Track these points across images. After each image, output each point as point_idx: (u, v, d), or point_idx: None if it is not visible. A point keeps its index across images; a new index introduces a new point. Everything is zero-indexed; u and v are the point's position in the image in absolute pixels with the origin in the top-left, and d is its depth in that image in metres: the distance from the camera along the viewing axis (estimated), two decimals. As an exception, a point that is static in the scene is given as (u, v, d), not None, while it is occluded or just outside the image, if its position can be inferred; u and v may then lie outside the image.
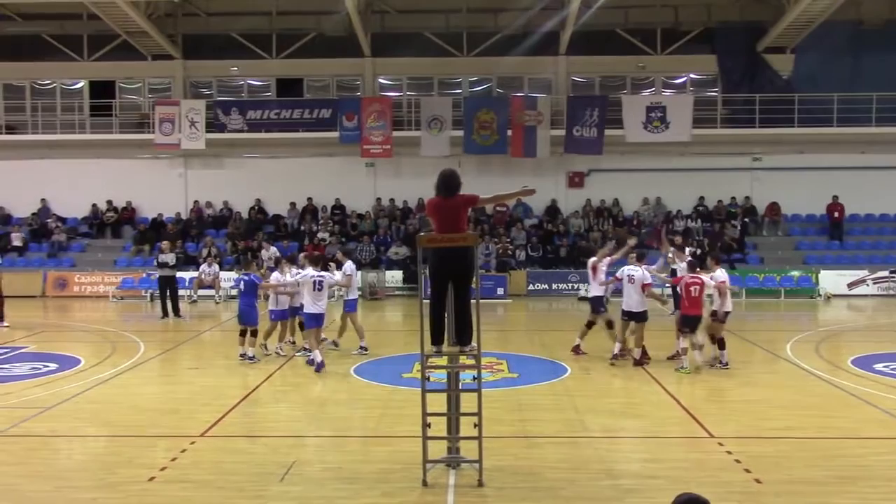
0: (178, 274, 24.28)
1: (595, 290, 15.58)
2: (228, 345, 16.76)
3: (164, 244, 23.66)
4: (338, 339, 16.63)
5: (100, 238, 31.30)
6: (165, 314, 22.30)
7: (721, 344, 14.61)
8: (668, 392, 12.84)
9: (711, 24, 31.24)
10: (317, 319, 14.53)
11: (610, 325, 15.49)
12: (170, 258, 22.97)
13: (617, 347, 15.05)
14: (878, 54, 29.94)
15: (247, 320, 15.42)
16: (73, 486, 8.69)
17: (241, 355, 15.26)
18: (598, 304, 15.58)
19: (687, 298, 14.16)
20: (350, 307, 16.16)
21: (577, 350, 15.81)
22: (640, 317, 14.61)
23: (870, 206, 30.58)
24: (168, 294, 22.65)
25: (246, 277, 15.54)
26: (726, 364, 14.48)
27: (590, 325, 15.82)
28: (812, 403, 12.23)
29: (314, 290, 14.35)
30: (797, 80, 30.76)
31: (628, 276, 14.65)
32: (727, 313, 14.70)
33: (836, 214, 29.99)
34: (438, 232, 8.73)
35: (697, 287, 14.22)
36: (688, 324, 14.25)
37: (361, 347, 16.13)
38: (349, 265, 16.02)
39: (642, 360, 14.75)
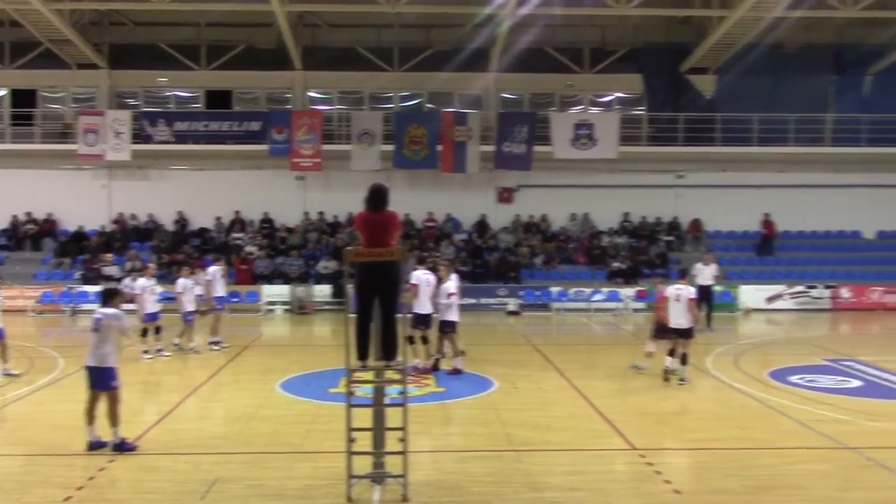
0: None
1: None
2: (154, 360, 16.40)
3: (108, 256, 23.47)
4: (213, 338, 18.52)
5: (18, 251, 30.34)
6: None
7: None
8: (592, 405, 13.03)
9: (637, 45, 31.95)
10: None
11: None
12: (113, 270, 22.68)
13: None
14: (796, 76, 31.02)
15: None
16: (-15, 507, 8.43)
17: None
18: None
19: None
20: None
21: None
22: None
23: (789, 223, 31.39)
24: None
25: None
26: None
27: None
28: (731, 415, 12.56)
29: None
30: (719, 100, 31.66)
31: None
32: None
33: (767, 231, 30.74)
34: (366, 246, 8.75)
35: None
36: None
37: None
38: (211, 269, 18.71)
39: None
